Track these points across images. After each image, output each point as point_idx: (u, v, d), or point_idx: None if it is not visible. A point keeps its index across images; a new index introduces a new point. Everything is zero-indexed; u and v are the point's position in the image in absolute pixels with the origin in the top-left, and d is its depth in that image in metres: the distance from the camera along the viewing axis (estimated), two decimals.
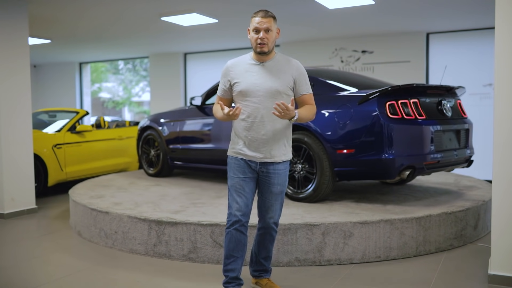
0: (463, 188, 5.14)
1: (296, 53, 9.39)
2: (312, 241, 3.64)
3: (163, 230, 3.87)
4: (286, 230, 3.62)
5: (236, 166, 2.87)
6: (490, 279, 3.25)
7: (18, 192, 5.71)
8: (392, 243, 3.78)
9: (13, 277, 3.59)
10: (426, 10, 6.71)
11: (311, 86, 4.46)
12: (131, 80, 23.88)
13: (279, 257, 3.64)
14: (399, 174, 4.04)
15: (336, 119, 4.19)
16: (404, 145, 4.02)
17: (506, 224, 3.20)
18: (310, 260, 3.65)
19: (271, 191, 2.90)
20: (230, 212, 2.88)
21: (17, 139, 5.69)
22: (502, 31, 3.17)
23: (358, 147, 4.06)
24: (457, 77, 8.04)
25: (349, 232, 3.67)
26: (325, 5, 6.19)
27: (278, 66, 2.87)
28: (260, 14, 2.81)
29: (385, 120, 3.95)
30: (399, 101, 4.05)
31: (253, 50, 2.86)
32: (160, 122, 6.14)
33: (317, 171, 4.27)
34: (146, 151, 6.43)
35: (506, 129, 3.18)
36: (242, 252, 2.90)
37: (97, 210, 4.33)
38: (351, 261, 3.69)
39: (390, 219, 3.76)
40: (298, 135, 4.35)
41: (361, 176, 4.33)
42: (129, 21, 7.28)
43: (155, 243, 3.92)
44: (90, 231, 4.44)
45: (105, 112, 24.24)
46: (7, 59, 5.57)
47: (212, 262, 3.72)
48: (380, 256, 3.75)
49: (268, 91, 2.80)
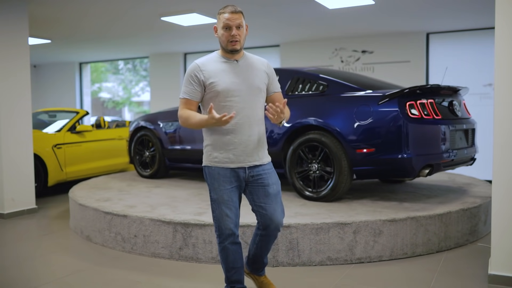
0: (462, 185, 5.27)
1: (296, 53, 9.39)
2: (344, 240, 3.68)
3: (190, 233, 3.75)
4: (319, 230, 3.63)
5: (221, 176, 2.65)
6: (490, 279, 3.25)
7: (18, 192, 5.71)
8: (418, 239, 3.87)
9: (13, 277, 3.59)
10: (426, 10, 6.71)
11: (325, 86, 4.62)
12: (131, 80, 23.88)
13: (311, 256, 3.65)
14: (419, 172, 4.10)
15: (356, 119, 4.21)
16: (424, 144, 4.11)
17: (506, 224, 3.20)
18: (342, 259, 3.69)
19: (269, 193, 2.71)
20: (220, 226, 2.66)
21: (17, 139, 5.69)
22: (502, 31, 3.17)
23: (379, 146, 4.09)
24: (457, 77, 8.04)
25: (379, 230, 3.73)
26: (325, 5, 6.19)
27: (251, 63, 2.73)
28: (230, 9, 2.60)
29: (406, 120, 4.02)
30: (418, 101, 4.13)
31: (223, 48, 2.66)
32: (157, 123, 6.03)
33: (335, 170, 4.29)
34: (139, 153, 6.30)
35: (506, 129, 3.17)
36: (241, 261, 2.79)
37: (113, 214, 4.16)
38: (380, 258, 3.74)
39: (415, 217, 3.84)
40: (315, 135, 4.39)
41: (380, 175, 4.40)
42: (129, 21, 7.28)
43: (181, 246, 3.80)
44: (103, 236, 4.27)
45: (105, 112, 24.24)
46: (7, 59, 5.57)
47: None
48: (407, 252, 3.82)
49: (250, 89, 2.66)
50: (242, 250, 2.79)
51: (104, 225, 4.26)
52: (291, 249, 3.63)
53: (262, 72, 2.75)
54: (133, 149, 6.36)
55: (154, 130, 6.03)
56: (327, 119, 4.33)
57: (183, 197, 4.80)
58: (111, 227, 4.19)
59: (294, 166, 4.53)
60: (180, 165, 5.90)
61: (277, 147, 4.66)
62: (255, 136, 2.68)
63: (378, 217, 3.76)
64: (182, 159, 5.81)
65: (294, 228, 3.62)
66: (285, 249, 3.63)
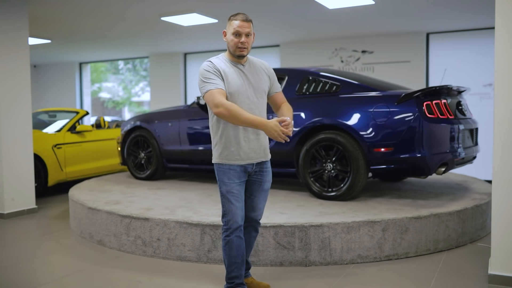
0: (461, 183, 5.42)
1: (296, 53, 9.39)
2: (374, 238, 3.74)
3: (219, 235, 3.69)
4: (350, 228, 3.68)
5: (232, 172, 2.81)
6: (490, 279, 3.25)
7: (18, 192, 5.71)
8: (439, 235, 3.98)
9: (13, 277, 3.59)
10: (426, 10, 6.71)
11: (338, 86, 4.68)
12: (131, 80, 23.89)
13: (343, 255, 3.69)
14: (435, 170, 4.22)
15: (373, 119, 4.28)
16: (440, 143, 4.24)
17: (506, 224, 3.20)
18: (371, 257, 3.74)
19: (262, 189, 2.94)
20: (229, 219, 2.81)
21: (17, 139, 5.69)
22: (502, 31, 3.17)
23: (397, 146, 4.18)
24: (457, 77, 8.04)
25: (405, 227, 3.81)
26: (325, 5, 6.19)
27: (254, 67, 2.91)
28: (241, 18, 2.77)
29: (425, 120, 4.12)
30: (433, 102, 4.24)
31: (231, 52, 2.82)
32: (155, 122, 5.89)
33: (351, 169, 4.33)
34: (133, 154, 6.14)
35: (506, 129, 3.18)
36: (243, 256, 2.88)
37: (132, 217, 4.04)
38: (407, 255, 3.83)
39: (437, 213, 3.95)
40: (331, 135, 4.42)
41: (397, 173, 4.48)
42: (129, 21, 7.28)
43: (210, 248, 3.74)
44: (120, 240, 4.13)
45: (105, 112, 24.24)
46: (7, 59, 5.57)
47: (276, 264, 3.65)
48: (430, 248, 3.93)
49: (257, 91, 2.85)
50: (244, 246, 2.89)
51: (121, 229, 4.12)
52: (323, 248, 3.67)
53: (264, 74, 2.94)
54: (127, 151, 6.18)
55: (152, 130, 5.88)
56: (344, 119, 4.39)
57: (195, 199, 4.70)
58: (129, 231, 4.06)
59: (307, 166, 4.57)
60: (181, 166, 5.77)
61: (289, 146, 4.68)
62: (262, 135, 2.86)
63: (404, 215, 3.85)
64: (183, 160, 5.69)
65: (326, 227, 3.66)
66: (317, 248, 3.66)
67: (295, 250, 3.64)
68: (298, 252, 3.64)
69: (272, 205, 4.25)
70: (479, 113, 7.43)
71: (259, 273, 3.46)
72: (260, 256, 3.66)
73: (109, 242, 4.24)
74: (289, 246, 3.63)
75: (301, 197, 4.65)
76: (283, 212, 4.03)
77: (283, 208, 4.17)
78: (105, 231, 4.27)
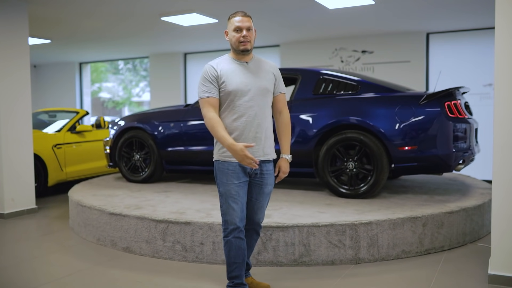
0: (455, 181, 5.65)
1: (296, 53, 9.39)
2: (415, 233, 3.88)
3: (270, 236, 3.66)
4: (395, 224, 3.79)
5: (230, 171, 2.80)
6: (490, 279, 3.26)
7: (18, 192, 5.71)
8: (466, 229, 4.21)
9: (13, 277, 3.59)
10: (426, 10, 6.71)
11: (356, 87, 4.76)
12: (131, 80, 23.89)
13: (389, 251, 3.78)
14: (455, 167, 4.42)
15: (397, 118, 4.41)
16: (460, 141, 4.44)
17: (506, 224, 3.20)
18: (414, 251, 3.88)
19: (263, 192, 2.92)
20: (227, 219, 2.82)
21: (17, 139, 5.69)
22: (502, 31, 3.17)
23: (421, 144, 4.34)
24: (457, 77, 8.05)
25: (441, 221, 3.99)
26: (325, 5, 6.19)
27: (259, 65, 2.91)
28: (240, 14, 2.83)
29: (447, 119, 4.31)
30: (452, 102, 4.42)
31: (234, 49, 2.84)
32: (152, 123, 5.66)
33: (375, 168, 4.44)
34: (126, 156, 5.87)
35: (506, 130, 3.18)
36: (243, 257, 2.89)
37: (169, 221, 3.89)
38: (442, 248, 4.02)
39: (465, 208, 4.18)
40: (353, 134, 4.50)
41: (420, 171, 4.59)
42: (129, 21, 7.28)
43: (260, 250, 3.68)
44: (154, 246, 3.95)
45: (105, 112, 24.24)
46: (7, 59, 5.57)
47: (327, 263, 3.68)
48: (460, 241, 4.15)
49: (259, 89, 2.83)
50: (245, 246, 2.89)
51: (155, 234, 3.95)
52: (371, 245, 3.74)
53: (270, 73, 2.92)
54: (119, 152, 5.89)
55: (149, 131, 5.65)
56: (367, 119, 4.49)
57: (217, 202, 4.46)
58: (166, 236, 3.90)
59: (327, 165, 4.62)
60: (182, 167, 5.58)
61: (308, 146, 4.73)
62: (262, 134, 2.84)
63: (439, 210, 4.02)
64: (186, 162, 5.50)
65: (374, 224, 3.74)
66: (366, 245, 3.73)
67: (345, 248, 3.70)
68: (349, 250, 3.71)
69: (301, 205, 4.29)
70: (479, 113, 7.43)
71: (199, 271, 3.44)
72: (311, 255, 3.67)
73: (140, 249, 4.04)
74: (340, 244, 3.68)
75: (325, 196, 4.71)
76: (322, 211, 4.05)
77: (317, 207, 4.21)
78: (135, 237, 4.07)
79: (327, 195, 4.76)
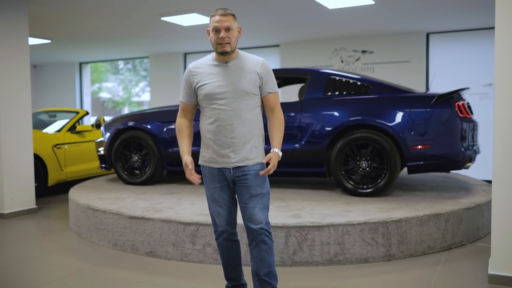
0: (449, 178, 5.84)
1: (296, 53, 9.38)
2: (439, 229, 4.00)
3: (306, 236, 3.65)
4: (422, 221, 3.90)
5: (210, 176, 2.73)
6: (490, 279, 3.26)
7: (18, 192, 5.71)
8: (480, 224, 4.37)
9: (13, 277, 3.59)
10: (426, 10, 6.71)
11: (367, 87, 4.81)
12: (131, 80, 23.88)
13: (416, 247, 3.89)
14: (464, 165, 4.56)
15: (411, 118, 4.52)
16: (469, 139, 4.57)
17: (506, 224, 3.20)
18: (438, 247, 3.99)
19: (251, 195, 2.66)
20: (215, 222, 2.80)
21: (17, 139, 5.69)
22: (502, 31, 3.17)
23: (434, 143, 4.47)
24: (457, 77, 8.04)
25: (460, 218, 4.12)
26: (325, 5, 6.19)
27: (242, 65, 2.69)
28: (219, 12, 2.63)
29: (459, 118, 4.45)
30: (461, 102, 4.56)
31: (215, 50, 2.70)
32: (153, 123, 5.49)
33: (388, 166, 4.54)
34: (123, 157, 5.67)
35: (506, 130, 3.18)
36: (238, 259, 2.89)
37: (199, 224, 3.79)
38: (461, 243, 4.15)
39: (479, 204, 4.34)
40: (366, 133, 4.59)
41: (431, 169, 4.69)
42: (129, 21, 7.27)
43: (295, 250, 3.66)
44: (182, 249, 3.85)
45: (105, 112, 24.23)
46: (7, 59, 5.57)
47: (361, 261, 3.71)
48: (475, 236, 4.30)
49: (235, 92, 2.63)
50: (240, 248, 2.88)
51: (184, 237, 3.85)
52: (401, 242, 3.83)
53: (252, 73, 2.68)
54: (115, 153, 5.68)
55: (150, 131, 5.47)
56: (383, 119, 4.56)
57: None
58: (196, 239, 3.81)
59: (340, 164, 4.68)
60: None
61: (321, 145, 4.78)
62: (239, 139, 2.65)
63: (458, 206, 4.15)
64: None
65: (404, 221, 3.83)
66: (396, 242, 3.82)
67: (378, 245, 3.76)
68: (381, 248, 3.76)
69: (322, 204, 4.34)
70: (479, 113, 7.42)
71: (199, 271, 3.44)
72: (346, 254, 3.70)
73: (165, 253, 3.92)
74: (372, 242, 3.74)
75: (338, 195, 4.75)
76: (347, 209, 4.08)
77: (340, 206, 4.23)
78: (160, 241, 3.94)
79: (339, 194, 4.81)
